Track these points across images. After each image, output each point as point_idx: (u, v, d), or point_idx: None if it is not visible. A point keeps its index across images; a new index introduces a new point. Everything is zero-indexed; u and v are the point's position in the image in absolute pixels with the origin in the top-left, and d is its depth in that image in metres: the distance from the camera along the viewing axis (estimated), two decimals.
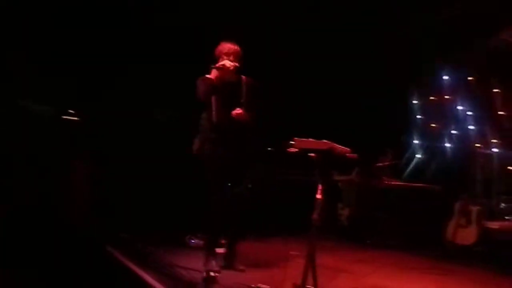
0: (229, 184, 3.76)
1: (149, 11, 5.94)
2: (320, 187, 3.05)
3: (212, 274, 3.43)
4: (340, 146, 3.18)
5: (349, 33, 6.22)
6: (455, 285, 3.87)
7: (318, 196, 3.05)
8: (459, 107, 6.54)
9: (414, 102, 7.04)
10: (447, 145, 6.62)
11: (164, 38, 6.05)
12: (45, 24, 5.54)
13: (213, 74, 3.70)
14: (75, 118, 5.71)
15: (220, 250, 3.88)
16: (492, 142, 5.98)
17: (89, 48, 5.78)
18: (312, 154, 3.11)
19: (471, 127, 6.38)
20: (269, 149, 6.31)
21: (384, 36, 6.24)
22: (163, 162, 5.84)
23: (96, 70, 5.85)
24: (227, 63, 3.69)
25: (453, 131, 6.60)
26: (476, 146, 5.95)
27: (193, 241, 4.66)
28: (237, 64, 3.74)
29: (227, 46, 3.80)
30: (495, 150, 5.91)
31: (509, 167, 5.44)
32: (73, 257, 3.85)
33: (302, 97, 6.69)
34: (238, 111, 3.68)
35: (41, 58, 5.59)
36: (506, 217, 5.16)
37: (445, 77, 6.66)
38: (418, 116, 7.01)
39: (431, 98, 6.86)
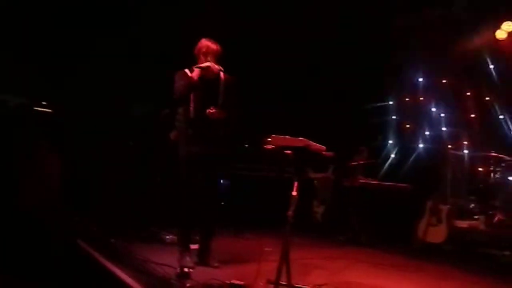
0: (201, 181, 3.74)
1: (131, 9, 5.87)
2: (295, 184, 3.07)
3: (186, 270, 3.41)
4: (316, 144, 3.21)
5: (328, 33, 6.28)
6: (424, 282, 3.96)
7: (294, 193, 3.07)
8: (433, 109, 6.69)
9: (390, 102, 7.17)
10: (420, 145, 6.76)
11: (143, 33, 5.99)
12: (22, 17, 5.41)
13: (195, 73, 3.67)
14: (48, 110, 5.59)
15: (194, 246, 3.88)
16: (463, 143, 6.15)
17: (65, 41, 5.68)
18: (288, 151, 3.13)
19: (443, 128, 6.54)
20: (245, 145, 6.32)
21: (363, 37, 6.32)
22: (138, 156, 5.78)
23: (72, 62, 5.76)
24: (213, 66, 3.67)
25: (426, 132, 6.75)
26: (448, 147, 6.10)
27: (167, 236, 4.62)
28: (221, 68, 3.73)
29: (205, 45, 3.77)
30: (466, 151, 6.08)
31: (479, 168, 5.60)
32: (42, 252, 3.76)
33: (280, 94, 6.73)
34: (211, 110, 3.67)
35: (17, 50, 5.46)
36: (475, 217, 5.31)
37: (420, 79, 6.80)
38: (393, 117, 7.15)
39: (406, 99, 6.99)
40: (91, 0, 5.66)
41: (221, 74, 3.82)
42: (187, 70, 3.78)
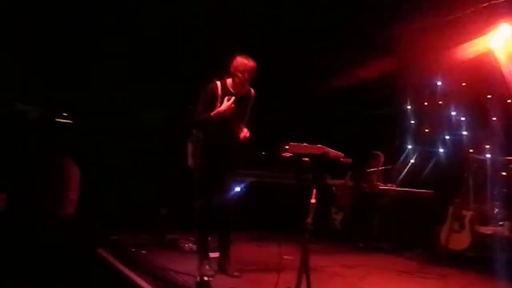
0: (218, 189, 3.73)
1: (140, 15, 5.93)
2: (314, 191, 3.05)
3: (205, 278, 3.41)
4: (333, 150, 3.19)
5: (341, 36, 6.23)
6: None
7: (312, 200, 3.05)
8: (453, 113, 6.59)
9: (408, 107, 7.08)
10: (441, 150, 6.65)
11: (155, 40, 6.06)
12: (34, 25, 5.53)
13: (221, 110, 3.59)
14: (68, 121, 5.70)
15: (214, 255, 3.88)
16: (485, 147, 6.02)
17: (80, 49, 5.78)
18: (306, 159, 3.12)
19: (464, 132, 6.42)
20: (262, 153, 6.32)
21: (377, 41, 6.26)
22: (154, 164, 5.83)
23: (85, 71, 5.86)
24: (226, 110, 3.59)
25: (446, 136, 6.64)
26: (469, 152, 5.98)
27: (186, 245, 4.64)
28: (233, 107, 3.61)
29: (242, 63, 3.68)
30: (488, 155, 5.95)
31: (502, 173, 5.47)
32: (63, 261, 3.81)
33: (296, 102, 6.71)
34: (246, 134, 3.60)
35: (32, 59, 5.58)
36: (500, 223, 5.18)
37: (438, 83, 6.71)
38: (412, 121, 7.06)
39: (425, 103, 6.90)
40: (103, 8, 5.74)
41: (252, 91, 3.82)
42: (218, 84, 3.70)
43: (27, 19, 5.46)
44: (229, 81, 3.76)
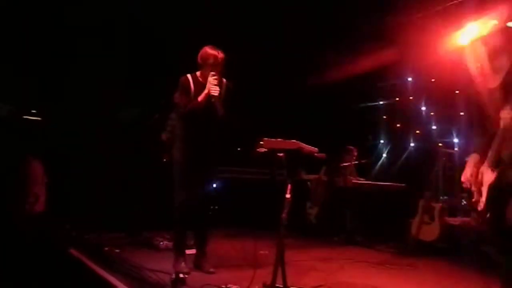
0: (195, 184, 3.72)
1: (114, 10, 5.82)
2: (288, 186, 3.08)
3: (181, 275, 3.39)
4: (308, 145, 3.22)
5: (317, 31, 6.28)
6: (419, 279, 3.98)
7: (287, 195, 3.07)
8: (423, 108, 6.76)
9: (380, 102, 7.22)
10: (411, 144, 6.81)
11: (130, 35, 5.97)
12: (4, 22, 5.36)
13: (202, 97, 3.60)
14: (37, 118, 5.55)
15: (190, 251, 3.86)
16: (454, 141, 6.21)
17: (50, 47, 5.64)
18: (281, 154, 3.14)
19: (433, 127, 6.60)
20: (238, 149, 6.32)
21: (351, 37, 6.34)
22: (127, 161, 5.75)
23: (58, 69, 5.72)
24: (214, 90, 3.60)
25: (416, 131, 6.81)
26: (438, 145, 6.15)
27: (161, 243, 4.60)
28: (218, 90, 3.63)
29: (213, 55, 3.66)
30: (456, 149, 6.14)
31: None
32: (35, 261, 3.72)
33: (270, 97, 6.73)
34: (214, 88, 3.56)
35: (1, 57, 5.41)
36: (467, 214, 5.36)
37: (409, 79, 6.86)
38: (384, 116, 7.20)
39: (396, 99, 7.05)
40: (78, 5, 5.61)
41: (224, 80, 3.81)
42: (189, 77, 3.70)
43: None
44: (198, 73, 3.75)
